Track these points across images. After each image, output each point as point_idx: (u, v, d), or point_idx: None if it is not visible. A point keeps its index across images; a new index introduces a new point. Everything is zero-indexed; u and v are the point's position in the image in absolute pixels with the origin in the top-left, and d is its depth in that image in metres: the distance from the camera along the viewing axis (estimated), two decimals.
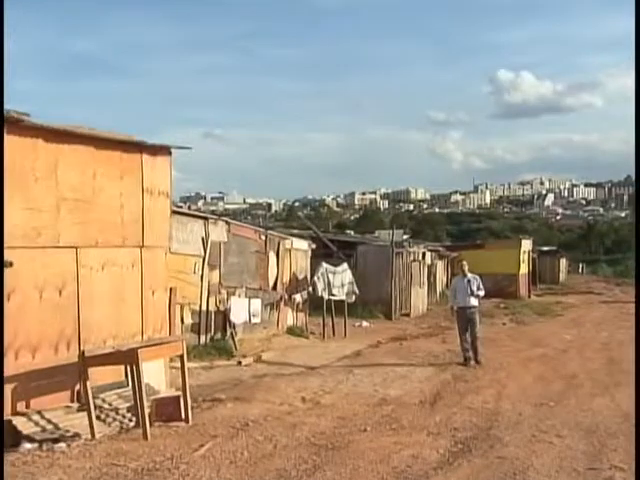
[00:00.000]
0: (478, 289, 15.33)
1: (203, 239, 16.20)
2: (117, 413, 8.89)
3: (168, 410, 9.13)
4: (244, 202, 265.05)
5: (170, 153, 10.36)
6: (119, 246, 9.50)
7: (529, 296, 42.01)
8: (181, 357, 9.32)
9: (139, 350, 8.47)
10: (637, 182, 24.84)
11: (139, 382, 8.39)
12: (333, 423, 9.54)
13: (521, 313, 30.45)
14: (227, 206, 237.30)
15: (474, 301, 15.36)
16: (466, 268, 15.59)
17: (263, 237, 19.41)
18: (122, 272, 9.54)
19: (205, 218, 16.75)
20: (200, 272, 16.12)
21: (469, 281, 15.28)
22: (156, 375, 10.03)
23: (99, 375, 8.73)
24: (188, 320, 15.70)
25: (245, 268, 18.22)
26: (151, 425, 8.58)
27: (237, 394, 11.22)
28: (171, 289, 10.95)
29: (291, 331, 20.38)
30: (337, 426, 9.36)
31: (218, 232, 16.85)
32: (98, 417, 8.54)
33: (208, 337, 16.39)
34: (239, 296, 17.69)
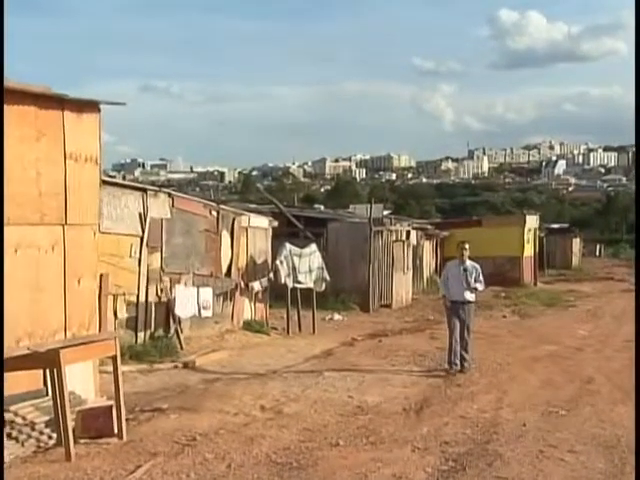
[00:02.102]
0: (476, 281, 14.89)
1: (141, 215, 16.08)
2: (33, 429, 8.78)
3: (97, 423, 9.06)
4: (191, 171, 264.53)
5: (99, 110, 10.22)
6: (36, 224, 9.37)
7: (535, 283, 42.35)
8: (114, 359, 9.24)
9: (61, 351, 8.37)
10: (637, 176, 26.06)
11: (61, 390, 8.30)
12: (299, 436, 9.54)
13: (525, 304, 30.70)
14: (170, 176, 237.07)
15: (470, 295, 14.96)
16: (467, 253, 15.08)
17: (214, 213, 19.32)
18: (40, 256, 9.42)
19: (143, 190, 16.62)
20: (137, 255, 16.01)
21: (466, 270, 14.83)
22: (83, 381, 9.95)
23: (10, 382, 8.58)
24: (123, 314, 15.62)
25: (192, 250, 18.13)
26: (76, 442, 8.50)
27: (182, 403, 11.18)
28: (101, 276, 10.89)
29: (249, 326, 20.36)
30: (303, 440, 9.36)
31: (159, 207, 16.73)
32: (9, 435, 8.44)
33: (147, 334, 16.32)
34: (185, 284, 17.61)
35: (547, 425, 10.37)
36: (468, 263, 14.96)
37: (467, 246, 15.16)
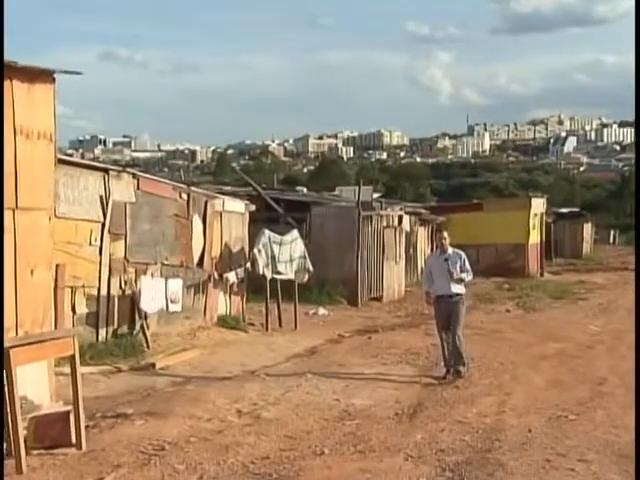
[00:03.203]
0: (462, 271, 14.73)
1: (102, 199, 16.02)
2: None
3: (53, 432, 9.02)
4: (159, 149, 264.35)
5: (53, 80, 10.16)
6: None
7: (541, 274, 42.52)
8: (72, 359, 9.21)
9: (12, 350, 8.33)
10: (637, 178, 26.75)
11: (11, 394, 8.25)
12: (279, 444, 9.55)
13: (531, 296, 30.79)
14: (135, 154, 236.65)
15: (457, 287, 14.71)
16: (446, 241, 15.02)
17: (185, 196, 19.27)
18: None
19: (105, 170, 16.56)
20: (98, 243, 15.95)
21: (447, 259, 14.70)
22: (36, 384, 9.90)
23: None
24: (82, 309, 15.56)
25: (160, 238, 18.09)
26: (28, 453, 8.47)
27: (149, 408, 11.17)
28: (57, 266, 10.83)
29: (223, 322, 20.34)
30: (284, 448, 9.37)
31: (123, 189, 16.67)
32: None
33: (109, 331, 16.29)
34: (152, 275, 17.57)
35: (555, 431, 10.40)
36: (450, 251, 14.91)
37: (446, 234, 15.26)
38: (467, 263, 14.86)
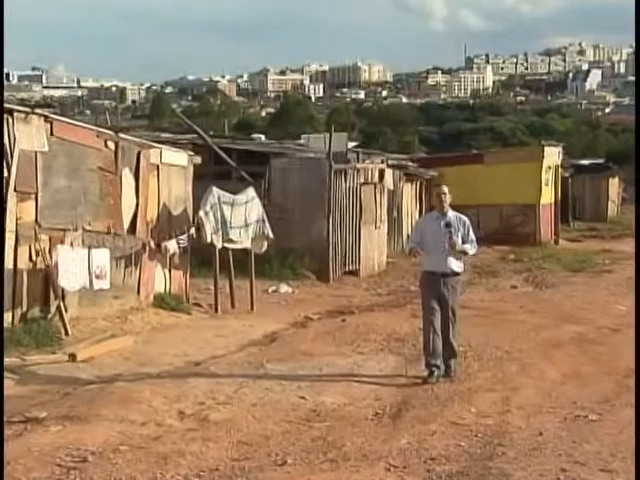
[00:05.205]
0: (465, 241, 13.97)
1: (5, 148, 15.92)
2: None
3: None
4: (78, 86, 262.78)
5: None
6: None
7: (556, 241, 42.75)
8: None
9: None
10: (637, 173, 27.39)
11: None
12: (231, 452, 9.60)
13: (543, 269, 30.99)
14: (48, 92, 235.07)
15: (456, 264, 13.98)
16: (447, 199, 14.04)
17: (112, 145, 19.16)
18: None
19: (8, 111, 16.43)
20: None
21: (448, 225, 13.82)
22: None
23: None
24: None
25: (81, 197, 17.99)
26: None
27: (68, 410, 11.15)
28: None
29: (162, 302, 20.31)
30: (237, 457, 9.42)
31: (32, 136, 16.56)
32: None
33: (17, 315, 16.21)
34: (71, 245, 17.50)
35: (572, 434, 10.49)
36: (451, 215, 14.00)
37: (446, 189, 14.15)
38: (472, 232, 14.09)
